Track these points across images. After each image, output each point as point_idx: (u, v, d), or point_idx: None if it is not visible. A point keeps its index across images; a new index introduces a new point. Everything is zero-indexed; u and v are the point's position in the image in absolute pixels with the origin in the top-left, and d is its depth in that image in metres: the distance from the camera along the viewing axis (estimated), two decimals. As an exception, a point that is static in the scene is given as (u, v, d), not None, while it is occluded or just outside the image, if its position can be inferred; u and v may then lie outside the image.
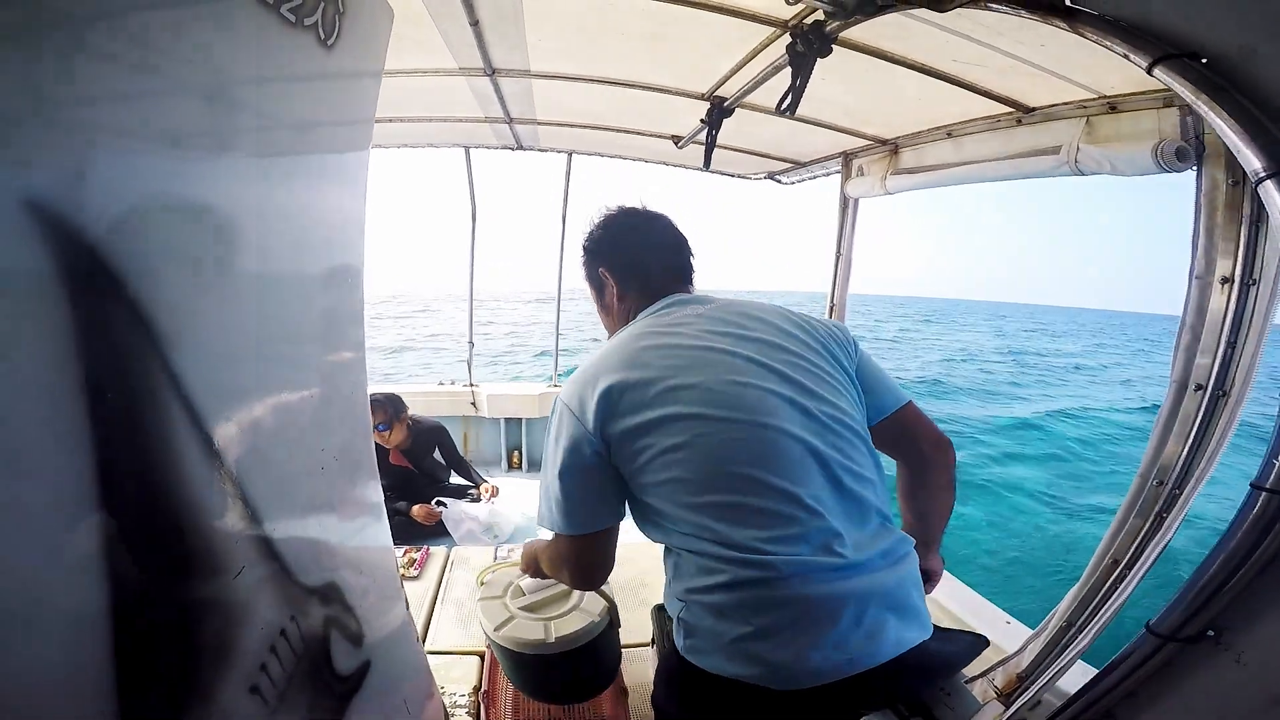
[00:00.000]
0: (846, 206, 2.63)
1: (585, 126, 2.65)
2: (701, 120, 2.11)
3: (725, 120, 2.05)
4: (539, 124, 2.64)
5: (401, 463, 3.33)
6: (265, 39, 0.72)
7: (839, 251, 2.68)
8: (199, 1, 0.63)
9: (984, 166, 1.91)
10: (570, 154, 3.41)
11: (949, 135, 2.09)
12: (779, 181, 3.19)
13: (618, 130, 2.68)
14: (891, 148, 2.33)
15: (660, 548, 1.03)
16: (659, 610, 2.13)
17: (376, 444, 3.13)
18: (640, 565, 2.85)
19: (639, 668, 2.15)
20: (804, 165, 2.86)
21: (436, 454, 3.49)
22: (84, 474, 0.52)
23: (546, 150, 3.28)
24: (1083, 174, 1.62)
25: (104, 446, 0.53)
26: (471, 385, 4.26)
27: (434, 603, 2.46)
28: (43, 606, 0.50)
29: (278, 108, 0.80)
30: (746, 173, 3.30)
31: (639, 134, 2.70)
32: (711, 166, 3.34)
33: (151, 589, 0.61)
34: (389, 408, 3.20)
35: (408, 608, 1.39)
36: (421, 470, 3.42)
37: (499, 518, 3.23)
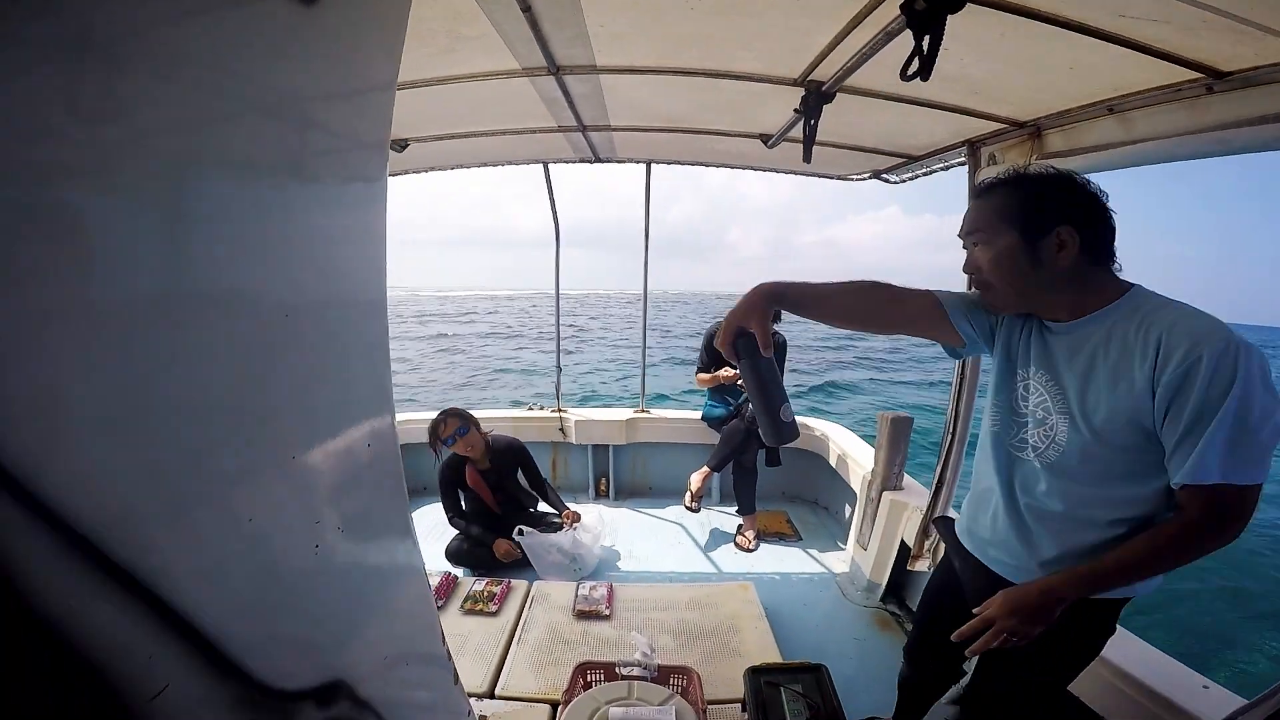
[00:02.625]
0: (978, 201, 2.21)
1: (662, 130, 2.42)
2: (795, 110, 1.82)
3: (825, 106, 1.75)
4: (613, 130, 2.44)
5: (477, 485, 3.18)
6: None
7: None
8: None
9: (1169, 144, 1.50)
10: (649, 163, 3.19)
11: (1110, 111, 1.68)
12: (886, 180, 2.82)
13: (698, 132, 2.43)
14: (1031, 131, 1.92)
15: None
16: (753, 674, 1.84)
17: (459, 456, 3.12)
18: (728, 609, 2.56)
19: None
20: (917, 159, 2.48)
21: (520, 476, 3.34)
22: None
23: (624, 161, 3.09)
24: (1320, 145, 1.22)
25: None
26: (560, 411, 4.12)
27: (509, 643, 2.31)
28: None
29: (239, 85, 0.56)
30: (848, 173, 2.94)
31: (723, 134, 2.43)
32: (805, 169, 3.03)
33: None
34: (460, 416, 3.10)
35: (456, 680, 1.19)
36: (505, 494, 3.27)
37: (582, 549, 3.04)
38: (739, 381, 3.44)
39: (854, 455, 3.45)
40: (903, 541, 2.71)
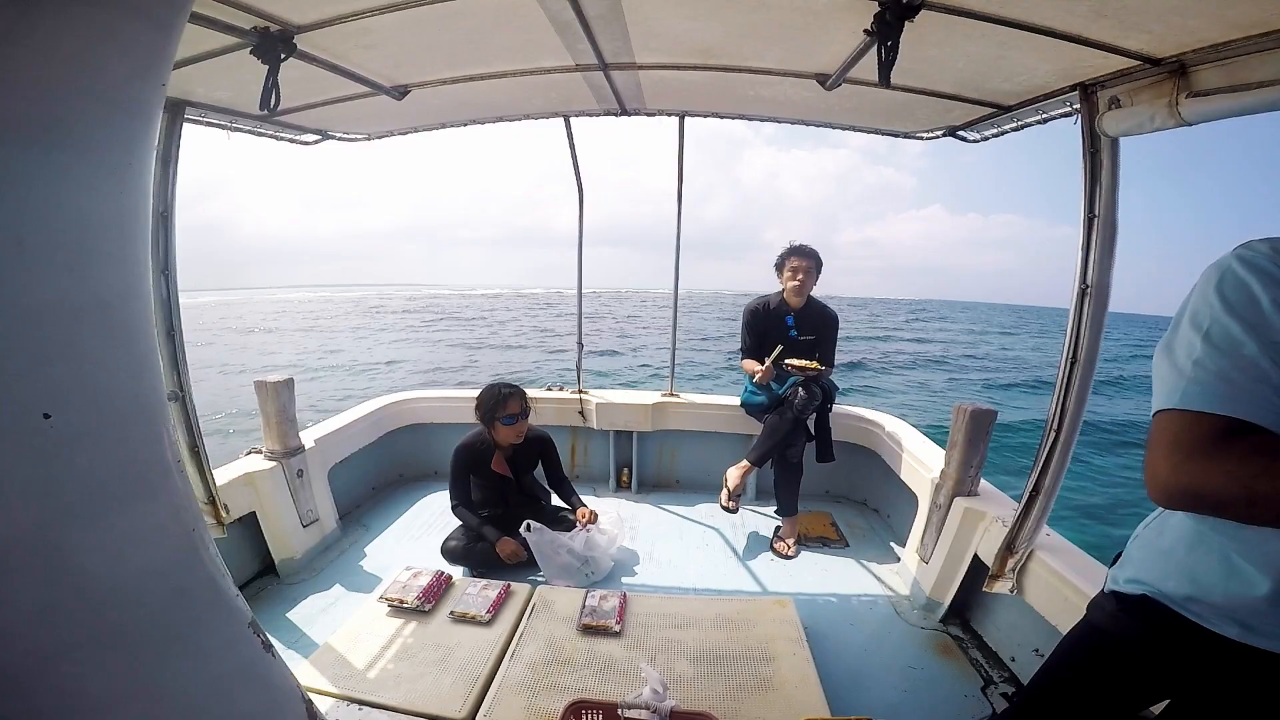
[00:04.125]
0: (1098, 149, 1.74)
1: (697, 68, 2.02)
2: (866, 31, 1.41)
3: (905, 24, 1.34)
4: (639, 68, 2.05)
5: (503, 471, 2.94)
6: None
7: (1093, 212, 1.78)
8: None
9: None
10: (683, 115, 2.78)
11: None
12: (963, 138, 2.36)
13: (740, 70, 2.02)
14: (1173, 68, 1.47)
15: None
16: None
17: (492, 440, 2.78)
18: (761, 630, 2.22)
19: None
20: (1007, 110, 2.02)
21: (539, 468, 3.10)
22: None
23: (655, 113, 2.70)
24: None
25: None
26: (580, 393, 3.79)
27: (501, 659, 2.02)
28: None
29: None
30: (917, 128, 2.49)
31: (770, 74, 2.02)
32: (866, 122, 2.59)
33: None
34: (524, 399, 2.85)
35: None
36: (520, 486, 3.01)
37: (596, 550, 2.74)
38: (787, 363, 3.02)
39: (912, 451, 3.03)
40: (976, 556, 2.32)
